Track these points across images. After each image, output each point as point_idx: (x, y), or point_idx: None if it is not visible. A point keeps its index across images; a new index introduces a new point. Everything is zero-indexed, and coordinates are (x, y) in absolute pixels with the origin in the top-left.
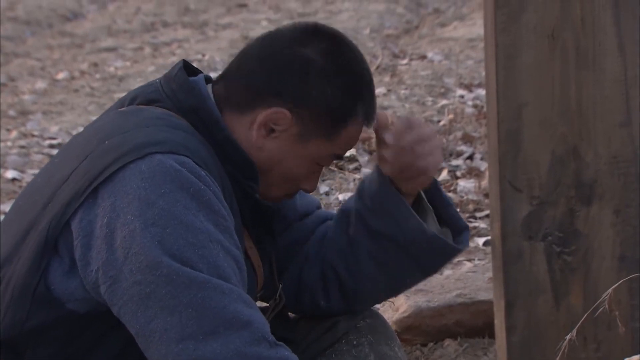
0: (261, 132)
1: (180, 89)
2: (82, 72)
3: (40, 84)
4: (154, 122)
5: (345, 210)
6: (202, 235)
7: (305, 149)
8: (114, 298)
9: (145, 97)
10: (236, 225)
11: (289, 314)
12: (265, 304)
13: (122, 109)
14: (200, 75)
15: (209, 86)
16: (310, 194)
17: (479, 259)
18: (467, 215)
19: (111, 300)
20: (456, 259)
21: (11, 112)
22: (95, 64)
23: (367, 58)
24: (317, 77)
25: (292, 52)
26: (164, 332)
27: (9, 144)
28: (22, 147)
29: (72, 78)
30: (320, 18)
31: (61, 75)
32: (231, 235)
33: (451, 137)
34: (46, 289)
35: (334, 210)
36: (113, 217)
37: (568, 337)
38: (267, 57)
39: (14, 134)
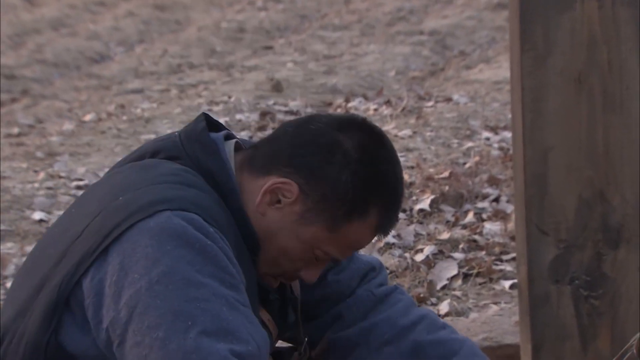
0: (266, 198)
1: (203, 150)
2: (109, 114)
3: (68, 126)
4: (167, 179)
5: None
6: (205, 289)
7: (304, 231)
8: (122, 357)
9: (167, 153)
10: (251, 285)
11: None
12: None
13: (139, 162)
14: (221, 133)
15: (230, 144)
16: None
17: (505, 302)
18: (494, 258)
19: (120, 358)
20: (482, 302)
21: (39, 154)
22: (122, 106)
23: (393, 100)
24: (339, 161)
25: (323, 132)
26: None
27: (37, 185)
28: (49, 188)
29: (99, 119)
30: (346, 60)
31: (88, 117)
32: (238, 293)
33: (477, 179)
34: (58, 345)
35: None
36: (121, 276)
37: None
38: (299, 132)
39: (42, 175)
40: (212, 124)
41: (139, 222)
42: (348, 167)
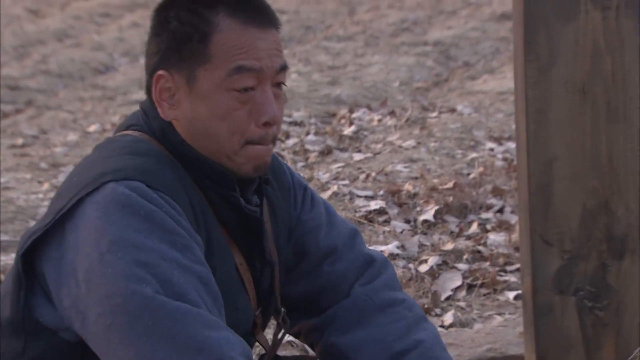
0: (164, 106)
1: (150, 113)
2: (114, 125)
3: (72, 137)
4: (117, 152)
5: None
6: (154, 254)
7: (202, 86)
8: (87, 333)
9: (126, 124)
10: (217, 241)
11: (311, 353)
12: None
13: (99, 143)
14: None
15: None
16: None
17: (509, 313)
18: (498, 268)
19: (85, 335)
20: (487, 313)
21: (43, 165)
22: (127, 116)
23: (397, 110)
24: (162, 25)
25: (151, 25)
26: None
27: (41, 196)
28: None
29: (104, 130)
30: (350, 71)
31: (93, 128)
32: (192, 252)
33: (481, 190)
34: (35, 320)
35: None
36: (75, 252)
37: None
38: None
39: (46, 186)
40: None
41: (87, 195)
42: (170, 19)
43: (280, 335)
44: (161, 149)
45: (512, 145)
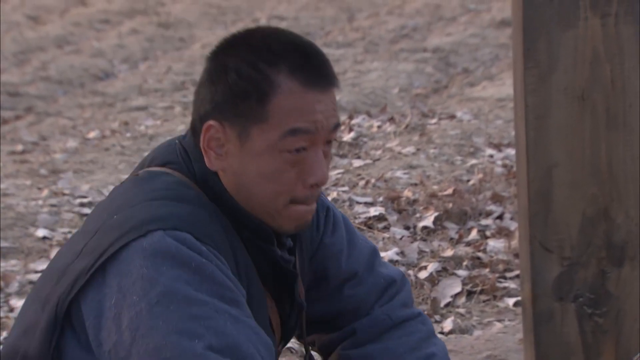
0: (211, 154)
1: (193, 154)
2: (113, 131)
3: (72, 143)
4: (160, 195)
5: None
6: (207, 307)
7: (254, 144)
8: None
9: (162, 158)
10: (256, 291)
11: None
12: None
13: (136, 176)
14: None
15: None
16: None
17: (509, 320)
18: (497, 275)
19: None
20: (486, 320)
21: (42, 171)
22: (126, 123)
23: (396, 117)
24: (219, 74)
25: (208, 68)
26: None
27: (40, 202)
28: (52, 205)
29: (103, 137)
30: (350, 77)
31: (92, 134)
32: (240, 306)
33: (480, 196)
34: None
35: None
36: (119, 298)
37: None
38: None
39: (45, 192)
40: None
41: (132, 241)
42: (228, 70)
43: None
44: (203, 196)
45: (511, 151)
